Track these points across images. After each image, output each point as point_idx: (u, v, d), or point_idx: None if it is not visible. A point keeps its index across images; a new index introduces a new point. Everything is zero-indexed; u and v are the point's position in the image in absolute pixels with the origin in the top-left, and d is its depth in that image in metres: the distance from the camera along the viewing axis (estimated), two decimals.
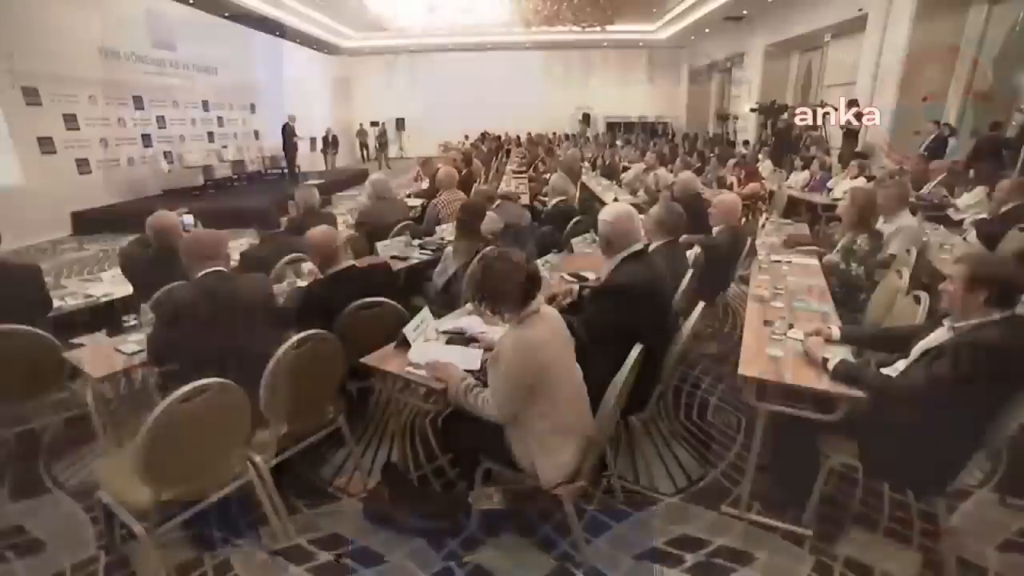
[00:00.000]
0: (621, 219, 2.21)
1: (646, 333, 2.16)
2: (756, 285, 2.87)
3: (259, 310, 2.17)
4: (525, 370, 1.71)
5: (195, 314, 1.98)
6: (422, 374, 1.98)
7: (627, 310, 2.11)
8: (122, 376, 2.36)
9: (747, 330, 2.35)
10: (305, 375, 2.05)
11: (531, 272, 1.77)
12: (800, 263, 3.40)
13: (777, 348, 2.09)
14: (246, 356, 1.96)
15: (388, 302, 2.42)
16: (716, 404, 3.11)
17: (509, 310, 1.78)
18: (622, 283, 2.11)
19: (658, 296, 2.23)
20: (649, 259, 2.26)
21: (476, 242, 3.25)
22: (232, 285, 2.09)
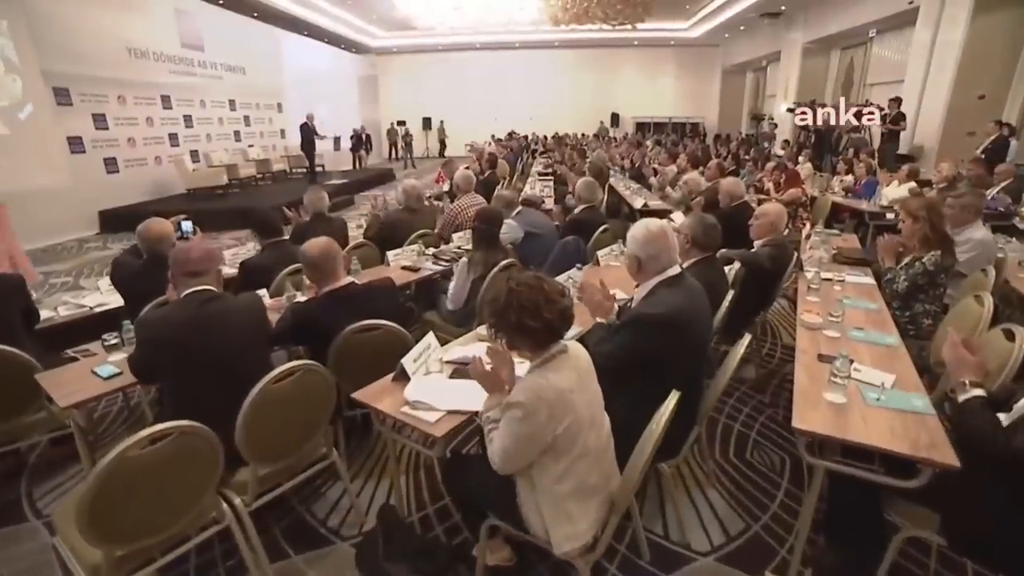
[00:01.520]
0: (655, 239, 1.91)
1: (682, 370, 1.88)
2: (805, 309, 2.53)
3: (249, 334, 1.94)
4: (542, 426, 1.43)
5: (176, 340, 1.76)
6: (419, 415, 1.71)
7: (661, 345, 1.82)
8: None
9: (799, 367, 2.02)
10: (289, 410, 1.82)
11: (564, 308, 1.48)
12: (854, 282, 3.04)
13: (838, 393, 1.75)
14: (235, 383, 1.74)
15: (388, 325, 2.17)
16: (755, 439, 2.78)
17: (530, 349, 1.51)
18: (657, 314, 1.81)
19: (697, 328, 1.92)
20: (688, 286, 1.95)
21: (494, 253, 2.98)
22: (219, 307, 1.87)
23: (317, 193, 3.68)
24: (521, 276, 1.51)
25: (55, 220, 8.01)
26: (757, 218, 3.23)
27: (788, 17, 14.08)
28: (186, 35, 10.88)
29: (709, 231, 2.45)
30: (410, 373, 1.92)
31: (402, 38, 19.08)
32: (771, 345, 3.93)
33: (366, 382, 2.08)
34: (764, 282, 3.08)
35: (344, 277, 2.21)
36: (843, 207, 6.21)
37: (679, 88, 21.00)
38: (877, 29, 11.30)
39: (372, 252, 3.65)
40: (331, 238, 2.23)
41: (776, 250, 3.04)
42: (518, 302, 1.45)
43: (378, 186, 13.93)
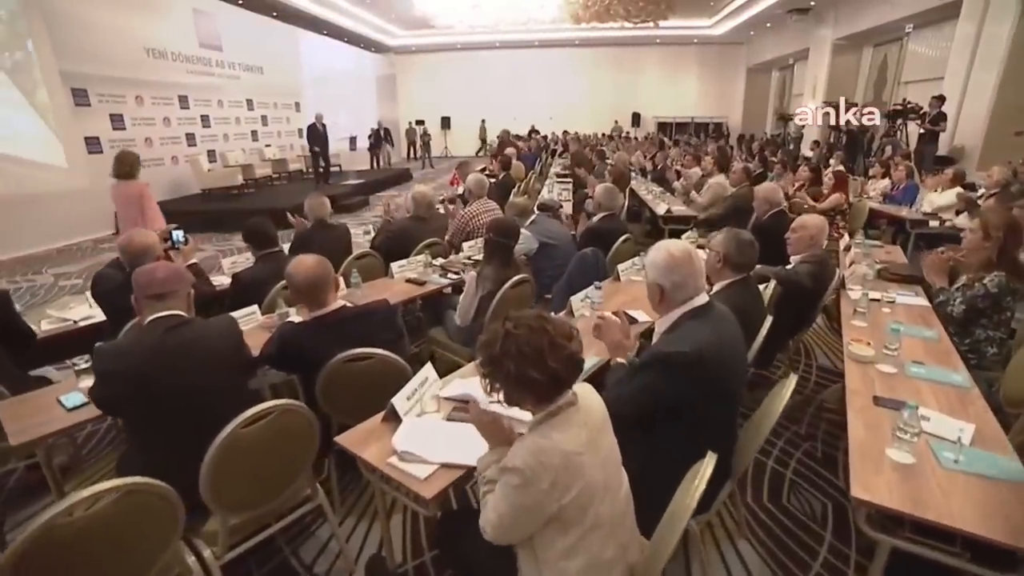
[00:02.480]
0: (679, 265, 1.65)
1: (713, 416, 1.62)
2: (853, 337, 2.23)
3: (223, 365, 1.73)
4: (544, 495, 1.18)
5: (136, 374, 1.56)
6: (407, 469, 1.48)
7: (687, 389, 1.57)
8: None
9: (851, 412, 1.73)
10: (264, 455, 1.60)
11: (572, 355, 1.23)
12: (906, 303, 2.73)
13: (906, 451, 1.47)
14: (207, 420, 1.53)
15: (382, 354, 1.95)
16: (792, 479, 2.49)
17: (532, 403, 1.26)
18: (682, 353, 1.55)
19: (730, 367, 1.65)
20: (717, 317, 1.68)
21: (507, 269, 2.74)
22: (188, 334, 1.66)
23: (318, 199, 3.47)
24: (520, 316, 1.26)
25: (72, 221, 8.03)
26: (795, 231, 2.94)
27: (817, 13, 13.58)
28: (204, 35, 10.86)
29: (744, 249, 2.17)
30: (401, 414, 1.69)
31: (421, 37, 18.95)
32: (805, 366, 3.62)
33: (358, 413, 1.88)
34: (802, 302, 2.78)
35: (334, 301, 1.99)
36: (880, 213, 5.81)
37: (702, 87, 20.54)
38: (914, 24, 10.78)
39: (376, 263, 3.43)
40: (322, 258, 2.00)
41: (817, 267, 2.75)
42: (517, 348, 1.20)
43: (395, 186, 13.80)
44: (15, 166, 7.30)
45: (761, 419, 1.61)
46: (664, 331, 1.71)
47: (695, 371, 1.56)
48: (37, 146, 7.63)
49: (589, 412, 1.31)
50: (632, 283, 3.11)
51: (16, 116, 7.32)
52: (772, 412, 1.58)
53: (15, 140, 7.32)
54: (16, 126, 7.33)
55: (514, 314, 1.28)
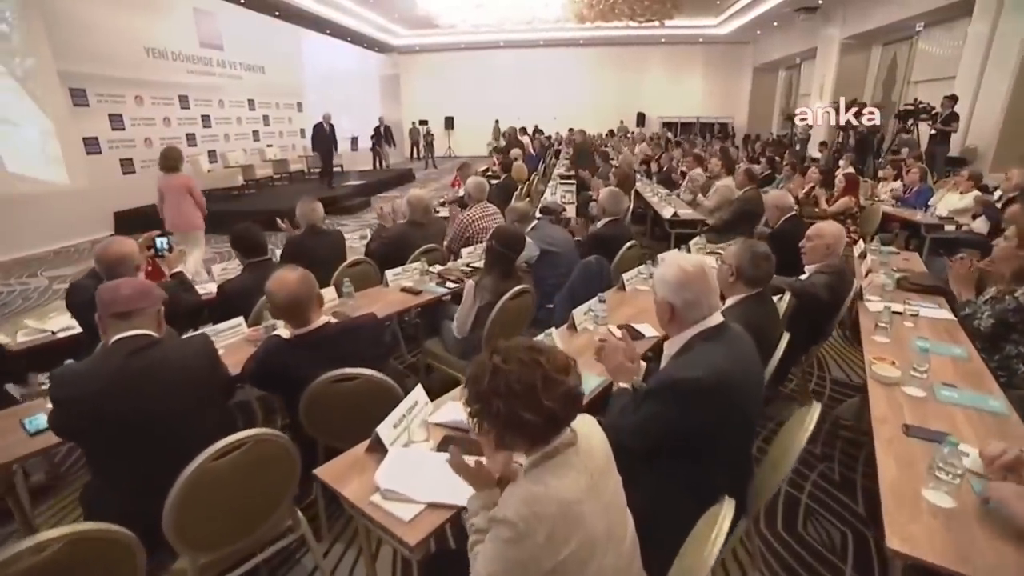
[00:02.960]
0: (692, 282, 1.51)
1: (727, 447, 1.48)
2: (875, 355, 2.08)
3: (194, 389, 1.60)
4: (539, 550, 1.04)
5: (95, 401, 1.43)
6: (391, 510, 1.34)
7: (700, 418, 1.43)
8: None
9: (879, 443, 1.58)
10: (237, 489, 1.47)
11: (569, 391, 1.08)
12: (930, 316, 2.57)
13: (943, 492, 1.32)
14: (176, 450, 1.41)
15: (368, 375, 1.81)
16: (808, 504, 2.34)
17: (525, 446, 1.12)
18: (694, 379, 1.41)
19: (746, 392, 1.51)
20: (732, 338, 1.54)
21: (507, 280, 2.60)
22: (154, 357, 1.53)
23: (309, 204, 3.34)
24: (510, 347, 1.11)
25: (70, 221, 7.96)
26: (810, 239, 2.79)
27: (825, 12, 13.38)
28: (205, 34, 10.76)
29: (758, 262, 2.02)
30: (387, 444, 1.55)
31: (424, 36, 18.83)
32: (818, 379, 3.47)
33: (345, 436, 1.76)
34: (818, 315, 2.63)
35: (318, 318, 1.85)
36: (893, 217, 5.64)
37: (707, 87, 20.34)
38: (924, 23, 10.58)
39: (371, 270, 3.29)
40: (305, 273, 1.86)
41: (834, 278, 2.59)
42: (506, 386, 1.05)
43: (397, 187, 13.68)
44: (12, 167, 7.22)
45: (781, 455, 1.46)
46: (674, 353, 1.57)
47: (708, 399, 1.42)
48: (35, 148, 7.54)
49: (590, 453, 1.16)
50: (638, 293, 2.96)
51: (13, 115, 7.22)
52: (793, 446, 1.43)
53: (13, 141, 7.24)
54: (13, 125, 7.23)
55: (503, 344, 1.13)
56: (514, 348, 1.11)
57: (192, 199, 5.18)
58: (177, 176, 5.14)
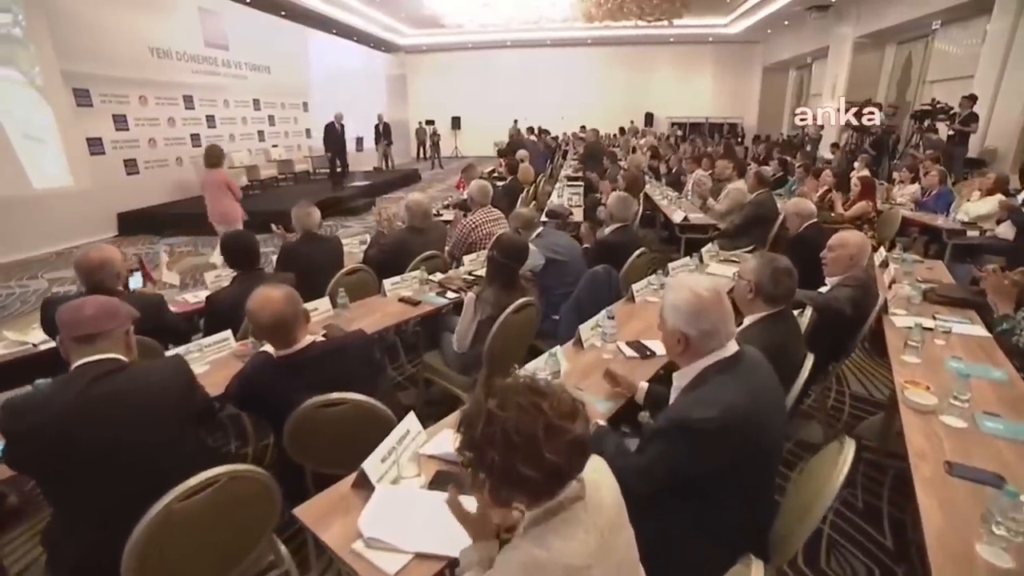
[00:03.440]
0: (707, 310, 1.37)
1: (745, 487, 1.34)
2: (907, 380, 1.92)
3: (164, 418, 1.46)
4: None
5: (51, 434, 1.30)
6: (374, 561, 1.20)
7: (715, 461, 1.29)
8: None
9: (920, 486, 1.42)
10: (208, 531, 1.34)
11: (575, 439, 0.93)
12: (963, 333, 2.40)
13: (999, 550, 1.16)
14: (144, 485, 1.28)
15: (357, 400, 1.68)
16: (831, 536, 2.18)
17: (525, 502, 0.97)
18: (708, 420, 1.26)
19: (766, 428, 1.36)
20: (749, 368, 1.39)
21: (510, 293, 2.45)
22: (120, 383, 1.40)
23: (305, 209, 3.20)
24: (508, 389, 0.96)
25: (73, 223, 7.91)
26: (832, 249, 2.63)
27: (838, 10, 13.14)
28: (210, 34, 10.69)
29: (780, 278, 1.86)
30: (374, 481, 1.41)
31: (431, 36, 18.72)
32: (837, 393, 3.30)
33: (334, 462, 1.67)
34: (841, 331, 2.47)
35: (303, 338, 1.71)
36: (911, 222, 5.43)
37: (716, 87, 20.10)
38: (942, 20, 10.32)
39: (368, 279, 3.15)
40: (290, 291, 1.71)
41: (858, 291, 2.43)
42: (503, 436, 0.91)
43: (402, 188, 13.58)
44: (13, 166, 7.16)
45: (811, 499, 1.30)
46: (685, 387, 1.42)
47: (724, 441, 1.28)
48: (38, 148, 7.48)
49: (600, 506, 1.02)
50: (648, 305, 2.81)
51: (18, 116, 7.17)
52: (825, 490, 1.27)
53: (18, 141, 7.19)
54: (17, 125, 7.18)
55: (500, 384, 0.99)
56: (512, 390, 0.97)
57: (231, 194, 5.60)
58: (217, 172, 5.57)
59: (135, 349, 1.51)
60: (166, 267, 3.17)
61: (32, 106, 7.38)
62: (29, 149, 7.37)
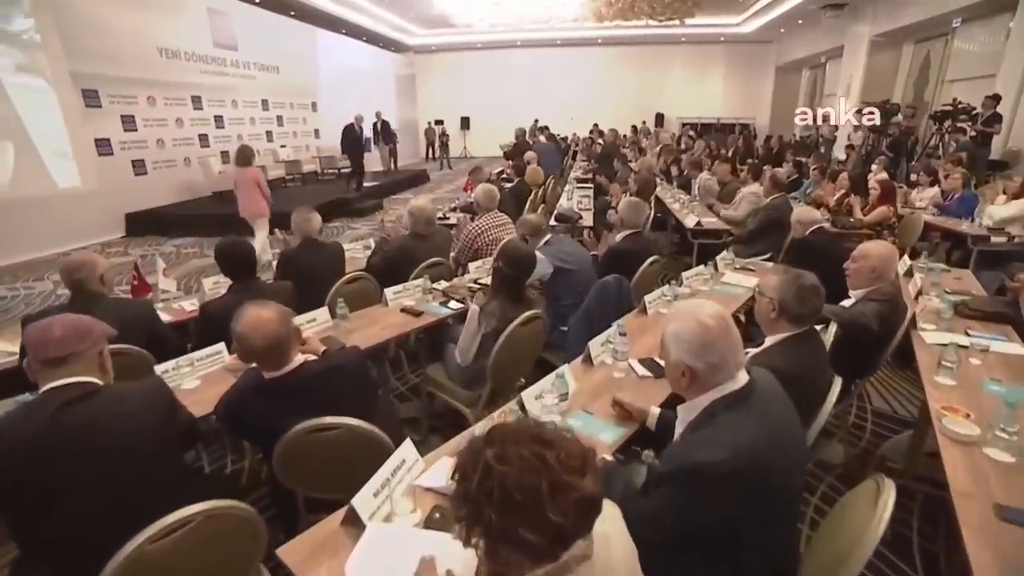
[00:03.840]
0: (715, 340, 1.24)
1: (762, 533, 1.21)
2: (944, 407, 1.77)
3: (142, 444, 1.36)
4: None
5: (13, 466, 1.20)
6: None
7: (726, 506, 1.17)
8: None
9: (966, 531, 1.28)
10: (186, 568, 1.23)
11: (583, 498, 0.82)
12: (1001, 351, 2.24)
13: None
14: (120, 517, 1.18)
15: (350, 424, 1.57)
16: None
17: (526, 565, 0.84)
18: (713, 464, 1.13)
19: (784, 468, 1.23)
20: (763, 401, 1.26)
21: (516, 306, 2.33)
22: (93, 408, 1.30)
23: (304, 214, 3.10)
24: (510, 436, 0.84)
25: (81, 223, 7.93)
26: (855, 260, 2.48)
27: (854, 9, 12.89)
28: (219, 35, 10.68)
29: (806, 296, 1.71)
30: (364, 519, 1.30)
31: (440, 36, 18.65)
32: (858, 410, 3.15)
33: (327, 488, 1.62)
34: (866, 347, 2.33)
35: (294, 358, 1.60)
36: (933, 227, 5.23)
37: (728, 87, 19.87)
38: (962, 18, 10.06)
39: (370, 287, 3.03)
40: (282, 310, 1.60)
41: (886, 306, 2.28)
42: (502, 492, 0.79)
43: (410, 188, 13.52)
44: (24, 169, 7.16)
45: (848, 549, 1.17)
46: (691, 422, 1.29)
47: (736, 485, 1.14)
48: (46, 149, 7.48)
49: (609, 566, 0.90)
50: (661, 317, 2.68)
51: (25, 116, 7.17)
52: (864, 539, 1.14)
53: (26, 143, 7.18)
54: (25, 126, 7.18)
55: (500, 430, 0.87)
56: (514, 438, 0.85)
57: (260, 190, 6.06)
58: (248, 170, 6.07)
59: (111, 370, 1.42)
60: (163, 274, 3.08)
61: (43, 107, 7.38)
62: (42, 150, 7.38)
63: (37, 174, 7.37)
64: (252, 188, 6.02)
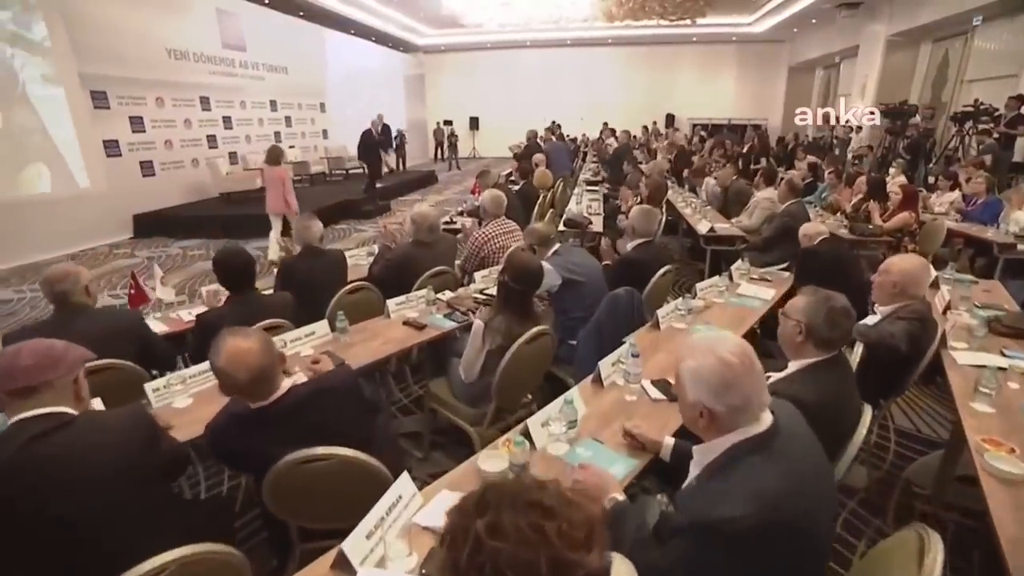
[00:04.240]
0: (738, 378, 1.11)
1: None
2: (985, 438, 1.64)
3: (119, 477, 1.27)
4: None
5: None
6: None
7: (747, 565, 1.04)
8: None
9: None
10: None
11: (592, 574, 0.72)
12: None
13: None
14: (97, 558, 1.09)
15: (342, 455, 1.46)
16: None
17: None
18: (733, 520, 1.01)
19: (811, 520, 1.11)
20: (788, 442, 1.13)
21: (522, 322, 2.23)
22: (62, 443, 1.20)
23: (304, 222, 3.00)
24: (505, 500, 0.74)
25: (89, 225, 7.94)
26: (879, 274, 2.35)
27: (870, 7, 12.63)
28: (228, 35, 10.67)
29: (837, 320, 1.58)
30: (356, 564, 1.19)
31: (450, 36, 18.58)
32: (880, 429, 3.00)
33: (321, 518, 1.56)
34: (894, 367, 2.19)
35: (281, 385, 1.50)
36: (956, 233, 5.05)
37: (740, 87, 19.65)
38: (983, 16, 9.81)
39: (373, 298, 2.93)
40: (263, 336, 1.50)
41: (916, 325, 2.14)
42: (494, 570, 0.69)
43: (418, 190, 13.45)
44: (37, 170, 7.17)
45: None
46: (709, 464, 1.16)
47: (763, 541, 1.02)
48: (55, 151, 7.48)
49: None
50: (675, 332, 2.56)
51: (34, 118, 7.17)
52: None
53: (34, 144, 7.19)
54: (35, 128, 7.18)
55: (494, 494, 0.75)
56: (511, 504, 0.74)
57: (284, 188, 6.40)
58: (277, 168, 6.44)
59: (87, 398, 1.33)
60: (160, 282, 3.00)
61: (52, 109, 7.38)
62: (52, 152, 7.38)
63: (45, 175, 7.36)
64: (279, 185, 6.35)
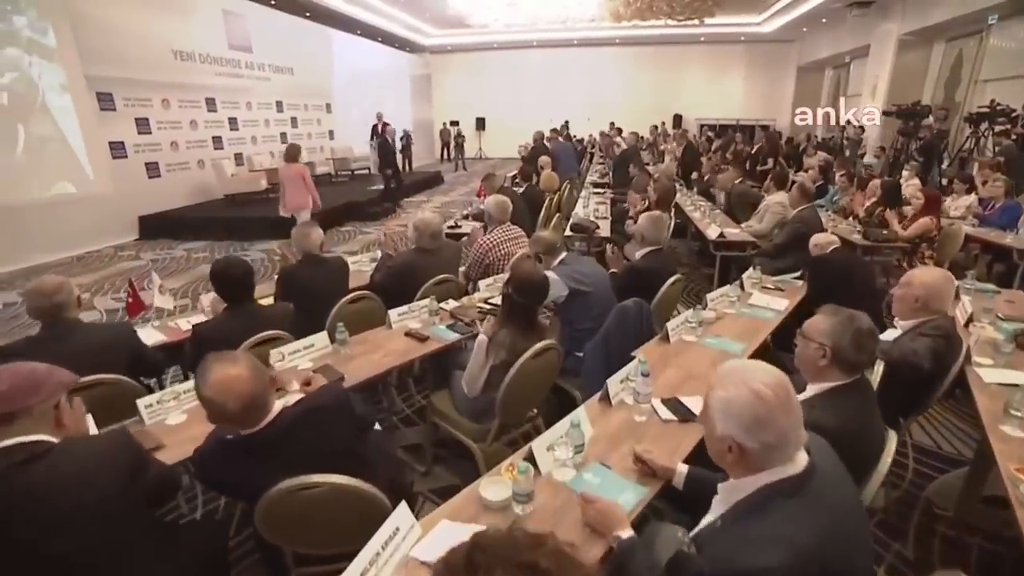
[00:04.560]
0: (772, 415, 1.02)
1: None
2: (1018, 469, 1.55)
3: (101, 507, 1.20)
4: None
5: None
6: None
7: None
8: None
9: None
10: None
11: None
12: None
13: None
14: None
15: (336, 483, 1.39)
16: None
17: None
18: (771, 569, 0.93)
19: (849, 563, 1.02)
20: (823, 482, 1.05)
21: (527, 336, 2.15)
22: (41, 473, 1.14)
23: (303, 229, 2.92)
24: (497, 559, 0.66)
25: (95, 226, 7.95)
26: (900, 286, 2.25)
27: (882, 6, 12.44)
28: (234, 36, 10.65)
29: (863, 342, 1.49)
30: None
31: (456, 36, 18.53)
32: (899, 445, 2.87)
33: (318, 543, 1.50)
34: (917, 385, 2.10)
35: (271, 409, 1.42)
36: (974, 239, 4.90)
37: (748, 88, 19.45)
38: (999, 14, 9.63)
39: (374, 307, 2.84)
40: (250, 361, 1.42)
41: (940, 342, 2.04)
42: None
43: (424, 191, 13.39)
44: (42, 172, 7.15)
45: None
46: (736, 504, 1.08)
47: None
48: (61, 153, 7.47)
49: None
50: (685, 346, 2.47)
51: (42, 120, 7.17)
52: None
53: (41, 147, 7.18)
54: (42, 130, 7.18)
55: (484, 552, 0.67)
56: (502, 563, 0.66)
57: (305, 185, 6.45)
58: (295, 166, 6.42)
59: (69, 423, 1.26)
60: (158, 290, 2.95)
61: (59, 111, 7.38)
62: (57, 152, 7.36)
63: (51, 176, 7.35)
64: (298, 183, 6.35)
